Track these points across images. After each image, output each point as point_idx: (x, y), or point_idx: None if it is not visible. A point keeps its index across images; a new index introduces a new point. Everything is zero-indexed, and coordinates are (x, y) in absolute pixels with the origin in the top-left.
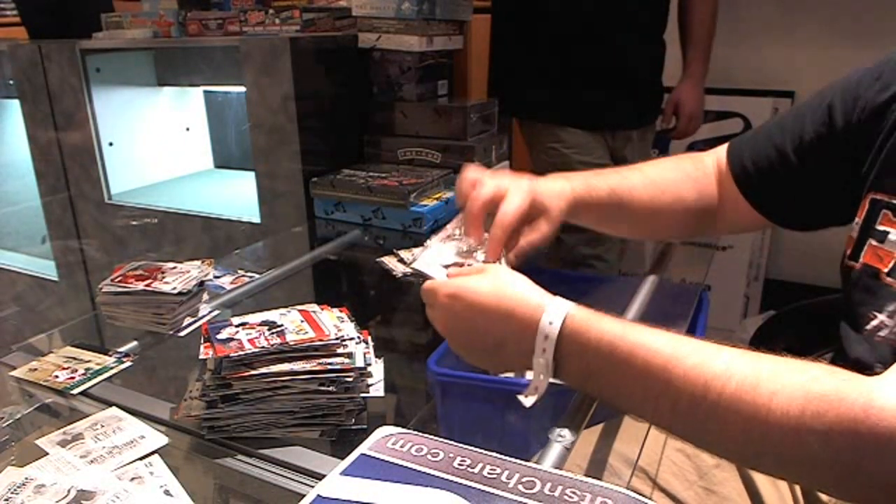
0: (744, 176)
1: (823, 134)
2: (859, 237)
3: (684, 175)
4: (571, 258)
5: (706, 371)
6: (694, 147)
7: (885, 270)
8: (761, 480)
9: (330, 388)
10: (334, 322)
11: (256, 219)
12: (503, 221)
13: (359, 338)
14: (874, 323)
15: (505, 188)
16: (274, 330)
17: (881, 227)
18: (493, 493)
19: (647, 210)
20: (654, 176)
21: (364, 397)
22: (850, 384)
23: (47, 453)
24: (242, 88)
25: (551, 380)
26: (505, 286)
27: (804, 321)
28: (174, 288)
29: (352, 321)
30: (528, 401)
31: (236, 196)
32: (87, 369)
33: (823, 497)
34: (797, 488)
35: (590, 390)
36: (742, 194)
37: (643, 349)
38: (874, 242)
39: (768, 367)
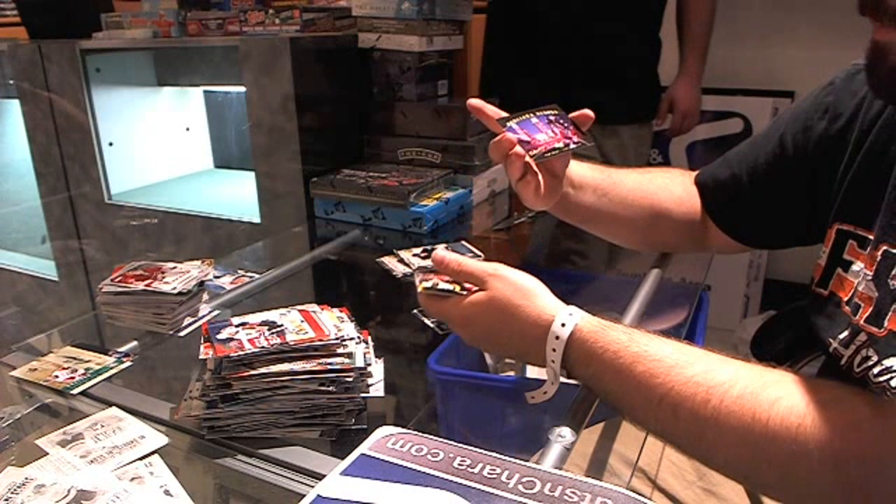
0: (708, 201)
1: (775, 162)
2: (827, 266)
3: (673, 183)
4: (555, 252)
5: (710, 378)
6: (693, 147)
7: (845, 299)
8: None
9: (330, 388)
10: (334, 322)
11: (256, 219)
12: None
13: (359, 338)
14: (830, 350)
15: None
16: (274, 330)
17: (847, 258)
18: (493, 493)
19: (641, 202)
20: (650, 177)
21: (364, 397)
22: (854, 392)
23: (47, 453)
24: (242, 88)
25: (562, 380)
26: (522, 294)
27: (804, 321)
28: (174, 288)
29: (352, 321)
30: (533, 399)
31: (236, 196)
32: (87, 369)
33: None
34: None
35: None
36: (711, 219)
37: (648, 357)
38: (841, 272)
39: (774, 378)
